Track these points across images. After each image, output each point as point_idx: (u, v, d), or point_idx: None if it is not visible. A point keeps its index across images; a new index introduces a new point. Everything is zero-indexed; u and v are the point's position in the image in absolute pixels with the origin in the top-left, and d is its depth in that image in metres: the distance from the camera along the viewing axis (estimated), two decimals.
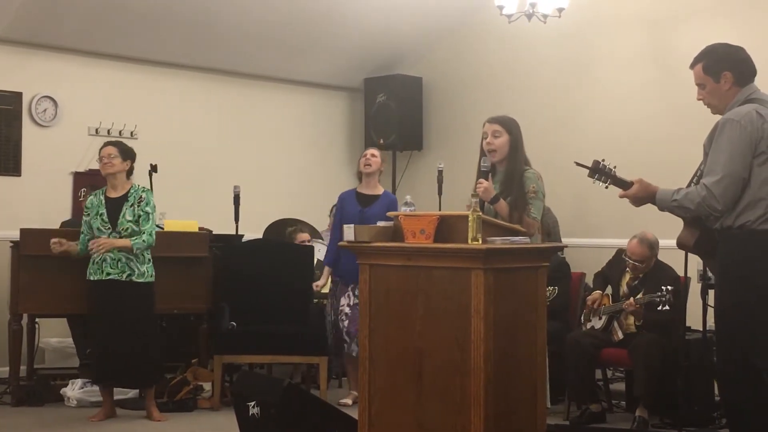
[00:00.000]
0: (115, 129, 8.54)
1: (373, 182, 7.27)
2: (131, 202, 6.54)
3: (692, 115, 5.49)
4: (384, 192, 7.33)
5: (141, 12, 8.25)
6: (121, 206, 6.53)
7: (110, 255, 6.44)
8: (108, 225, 6.48)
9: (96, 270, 6.48)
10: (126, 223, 6.48)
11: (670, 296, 6.27)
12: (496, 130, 5.17)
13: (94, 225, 6.51)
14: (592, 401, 6.66)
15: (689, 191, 4.39)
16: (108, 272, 6.44)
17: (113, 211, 6.51)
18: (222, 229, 8.03)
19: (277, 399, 4.99)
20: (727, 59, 4.49)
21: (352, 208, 7.14)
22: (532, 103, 8.87)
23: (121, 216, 6.49)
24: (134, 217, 6.51)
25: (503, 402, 4.33)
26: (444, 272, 4.39)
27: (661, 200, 4.47)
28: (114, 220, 6.49)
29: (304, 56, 9.60)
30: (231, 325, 7.05)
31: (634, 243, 6.68)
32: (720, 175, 4.30)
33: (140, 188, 6.64)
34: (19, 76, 8.15)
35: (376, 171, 7.26)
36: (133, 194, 6.58)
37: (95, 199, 6.60)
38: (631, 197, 4.55)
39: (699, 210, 4.37)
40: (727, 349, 4.43)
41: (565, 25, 8.50)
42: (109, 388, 6.62)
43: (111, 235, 6.45)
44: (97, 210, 6.53)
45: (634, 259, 6.66)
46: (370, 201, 7.17)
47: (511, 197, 5.05)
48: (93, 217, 6.53)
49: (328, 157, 10.13)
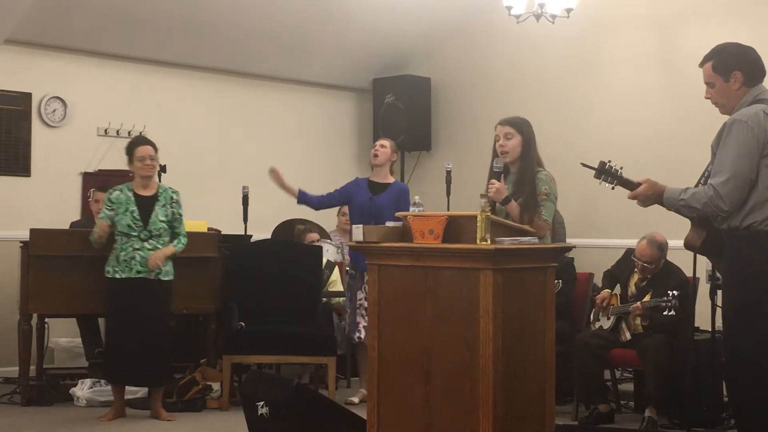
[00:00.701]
0: (124, 129, 8.56)
1: (384, 172, 7.29)
2: (162, 202, 6.57)
3: (700, 115, 5.49)
4: (395, 181, 7.37)
5: (150, 13, 8.27)
6: (152, 205, 6.54)
7: (140, 253, 6.45)
8: (140, 223, 6.48)
9: (124, 268, 6.46)
10: (159, 223, 6.52)
11: (676, 302, 6.26)
12: (508, 132, 5.17)
13: (122, 221, 6.47)
14: (601, 401, 6.66)
15: (696, 191, 4.38)
16: (138, 270, 6.45)
17: (144, 210, 6.51)
18: (231, 229, 8.05)
19: (286, 399, 4.99)
20: (737, 59, 4.48)
21: (363, 195, 7.18)
22: (540, 103, 8.86)
23: (153, 215, 6.51)
24: (166, 218, 6.55)
25: (512, 402, 4.33)
26: (453, 272, 4.40)
27: (668, 199, 4.46)
28: (146, 218, 6.49)
29: (313, 57, 9.60)
30: (240, 325, 7.06)
31: (643, 244, 6.67)
32: (727, 176, 4.29)
33: (169, 189, 6.66)
34: (28, 76, 8.18)
35: (384, 162, 7.26)
36: (162, 194, 6.60)
37: (122, 195, 6.55)
38: (639, 197, 4.54)
39: (706, 210, 4.36)
40: (735, 350, 4.42)
41: (573, 25, 8.48)
42: (121, 387, 6.63)
43: (142, 234, 6.46)
44: (126, 207, 6.50)
45: (644, 261, 6.65)
46: (380, 189, 7.20)
47: (522, 198, 5.05)
48: (121, 214, 6.49)
49: (336, 157, 10.13)
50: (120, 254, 6.47)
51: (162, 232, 6.53)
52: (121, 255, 6.47)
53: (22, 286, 6.97)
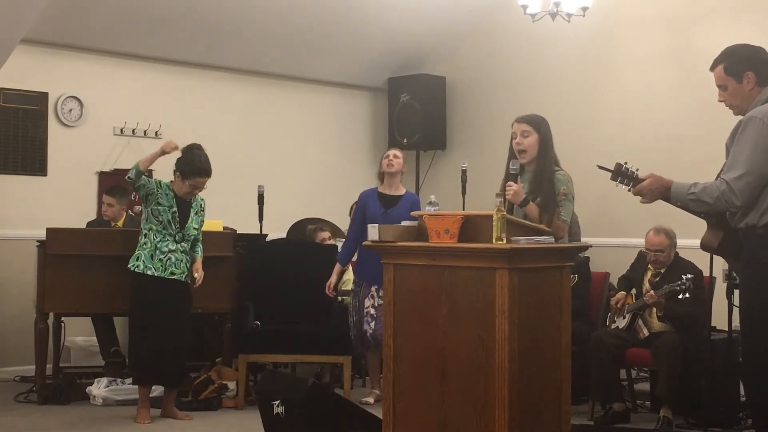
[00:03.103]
0: (140, 129, 8.59)
1: (396, 183, 7.25)
2: (195, 209, 6.63)
3: (715, 114, 5.46)
4: (406, 192, 7.31)
5: (166, 13, 8.29)
6: (188, 210, 6.59)
7: (175, 255, 6.48)
8: (178, 225, 6.50)
9: (159, 267, 6.45)
10: (193, 230, 6.58)
11: (690, 283, 6.27)
12: (525, 129, 5.16)
13: (162, 217, 6.45)
14: (616, 400, 6.64)
15: (708, 185, 4.34)
16: (172, 272, 6.47)
17: (183, 213, 6.55)
18: (246, 228, 8.06)
19: (301, 398, 5.00)
20: (748, 60, 4.46)
21: (375, 209, 7.10)
22: (556, 102, 8.85)
23: (189, 221, 6.56)
24: (198, 225, 6.64)
25: (527, 402, 4.32)
26: (468, 272, 4.39)
27: (676, 193, 4.41)
28: (183, 222, 6.54)
29: (328, 56, 9.61)
30: (255, 324, 7.07)
31: (650, 234, 6.71)
32: (741, 171, 4.26)
33: (199, 197, 6.68)
34: (45, 76, 8.22)
35: (398, 171, 7.23)
36: (195, 201, 6.64)
37: (164, 190, 6.49)
38: (644, 191, 4.49)
39: (717, 205, 4.33)
40: (752, 350, 4.40)
41: (589, 24, 8.47)
42: (149, 389, 6.60)
43: (177, 236, 6.48)
44: (170, 204, 6.49)
45: (654, 250, 6.65)
46: (392, 202, 7.15)
47: (540, 198, 5.03)
48: (164, 208, 6.46)
49: (352, 156, 10.14)
50: (155, 252, 6.46)
51: (191, 238, 6.58)
52: (156, 253, 6.46)
53: (38, 285, 6.99)
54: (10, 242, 7.94)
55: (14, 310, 7.90)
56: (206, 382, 7.10)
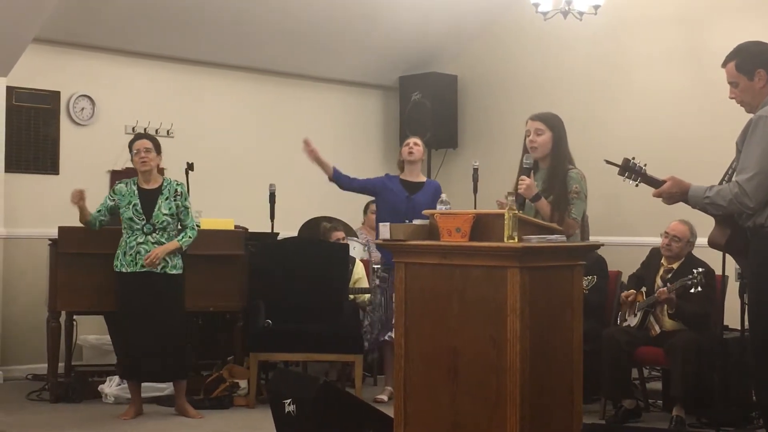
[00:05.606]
0: (151, 128, 8.59)
1: (416, 170, 7.30)
2: (166, 195, 6.56)
3: (726, 113, 5.45)
4: (427, 179, 7.40)
5: (178, 11, 8.30)
6: (155, 198, 6.53)
7: (144, 247, 6.45)
8: (142, 216, 6.48)
9: (130, 262, 6.46)
10: (162, 216, 6.50)
11: (702, 277, 6.27)
12: (538, 127, 5.15)
13: (125, 215, 6.48)
14: (627, 397, 6.62)
15: (721, 188, 4.35)
16: (143, 264, 6.45)
17: (147, 203, 6.51)
18: (257, 227, 8.06)
19: (313, 397, 5.00)
20: (760, 57, 4.45)
21: (399, 194, 7.14)
22: (567, 100, 8.82)
23: (156, 209, 6.50)
24: (170, 211, 6.54)
25: (538, 401, 4.32)
26: (480, 270, 4.39)
27: (693, 197, 4.43)
28: (149, 212, 6.49)
29: (339, 55, 9.61)
30: (266, 322, 7.07)
31: (676, 222, 6.74)
32: (752, 172, 4.26)
33: (174, 182, 6.65)
34: (57, 75, 8.24)
35: (418, 159, 7.28)
36: (167, 187, 6.58)
37: (126, 188, 6.57)
38: (664, 194, 4.51)
39: (731, 207, 4.33)
40: (760, 349, 4.39)
41: (600, 22, 8.44)
42: (137, 384, 6.62)
43: (145, 227, 6.46)
44: (129, 200, 6.51)
45: (673, 234, 6.68)
46: (416, 188, 7.19)
47: (553, 196, 5.03)
48: (124, 207, 6.50)
49: (363, 155, 10.12)
50: (126, 248, 6.49)
51: (166, 226, 6.51)
52: (127, 249, 6.49)
53: (50, 284, 7.01)
54: (23, 241, 7.96)
55: (26, 309, 7.92)
56: (218, 380, 7.11)
